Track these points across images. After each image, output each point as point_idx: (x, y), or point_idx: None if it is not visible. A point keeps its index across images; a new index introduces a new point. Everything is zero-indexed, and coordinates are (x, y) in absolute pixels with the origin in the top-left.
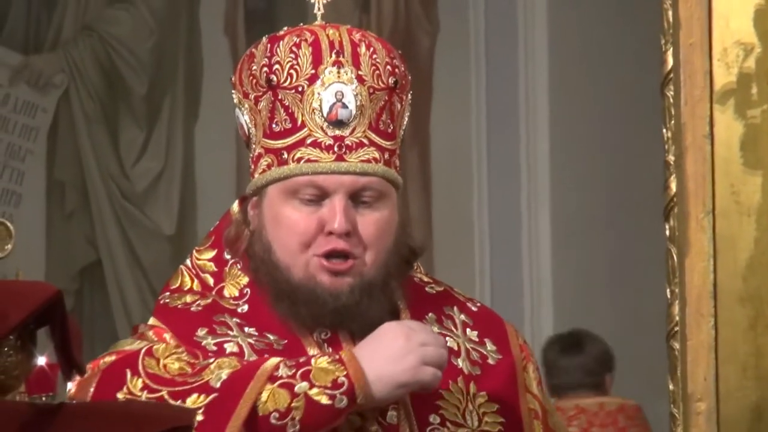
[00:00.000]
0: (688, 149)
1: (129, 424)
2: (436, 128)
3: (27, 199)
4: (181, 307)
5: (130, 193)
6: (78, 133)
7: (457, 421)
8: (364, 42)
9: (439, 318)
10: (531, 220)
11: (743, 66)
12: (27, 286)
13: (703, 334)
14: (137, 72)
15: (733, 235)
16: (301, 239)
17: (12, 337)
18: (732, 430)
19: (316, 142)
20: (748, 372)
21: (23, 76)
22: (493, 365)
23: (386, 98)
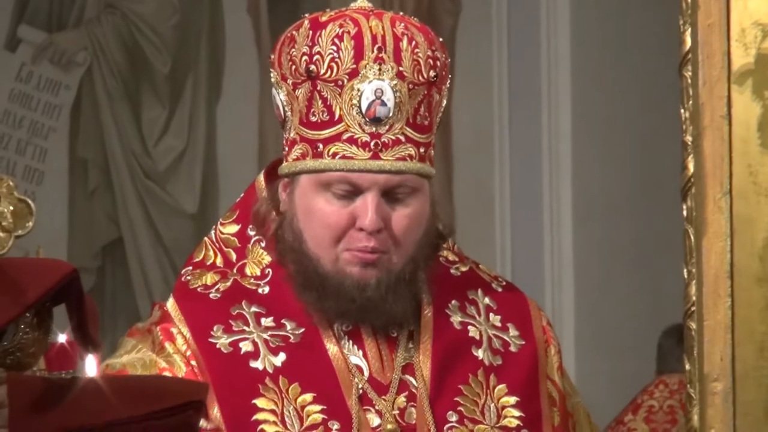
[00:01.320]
0: (705, 130)
1: (142, 398)
2: (458, 108)
3: (49, 176)
4: (201, 292)
5: (152, 171)
6: (101, 111)
7: (476, 418)
8: (407, 35)
9: (462, 305)
10: (552, 198)
11: (761, 47)
12: (44, 264)
13: (719, 315)
14: (160, 50)
15: (750, 215)
16: (333, 233)
17: (28, 315)
18: (748, 410)
19: (353, 139)
20: (765, 352)
21: (46, 54)
22: (515, 353)
23: (425, 92)
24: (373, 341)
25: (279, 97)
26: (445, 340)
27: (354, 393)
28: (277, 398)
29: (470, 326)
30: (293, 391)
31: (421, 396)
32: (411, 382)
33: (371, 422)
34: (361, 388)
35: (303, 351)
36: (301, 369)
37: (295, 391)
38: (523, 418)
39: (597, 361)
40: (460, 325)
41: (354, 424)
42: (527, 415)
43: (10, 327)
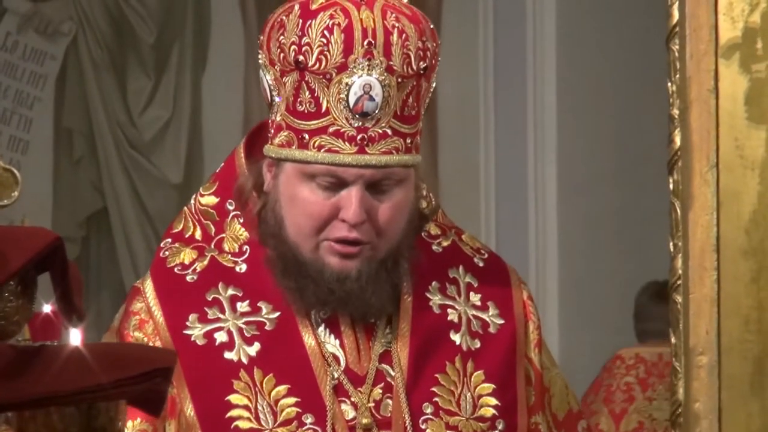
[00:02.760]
0: (692, 103)
1: (111, 365)
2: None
3: (34, 146)
4: (178, 272)
5: (138, 141)
6: (86, 81)
7: (451, 409)
8: (398, 28)
9: (443, 286)
10: (537, 171)
11: (749, 20)
12: (27, 232)
13: (705, 288)
14: (146, 20)
15: (736, 189)
16: (315, 223)
17: (12, 283)
18: (733, 383)
19: (339, 132)
20: (751, 326)
21: (32, 23)
22: (494, 334)
23: (414, 83)
24: (350, 330)
25: (266, 79)
26: (424, 326)
27: (329, 384)
28: (251, 393)
29: (449, 309)
30: (268, 383)
31: (397, 387)
32: (388, 371)
33: (346, 415)
34: (337, 378)
35: (278, 340)
36: (275, 359)
37: (270, 383)
38: (499, 406)
39: (581, 334)
40: (439, 308)
41: (328, 417)
42: (503, 402)
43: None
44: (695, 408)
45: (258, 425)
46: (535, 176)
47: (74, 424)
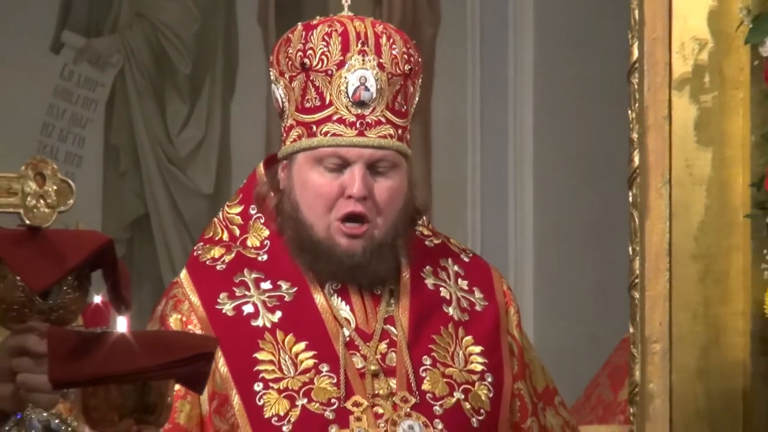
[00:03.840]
0: (649, 128)
1: (162, 350)
2: (436, 104)
3: (87, 160)
4: (209, 264)
5: (175, 157)
6: (131, 105)
7: (446, 362)
8: (385, 34)
9: (435, 270)
10: (516, 185)
11: (698, 58)
12: (83, 235)
13: (659, 286)
14: (182, 54)
15: (686, 202)
16: (325, 202)
17: (70, 278)
18: (682, 368)
19: (341, 119)
20: (698, 319)
21: (86, 56)
22: (480, 312)
23: (402, 83)
24: (359, 297)
25: (278, 91)
26: (421, 298)
27: (341, 340)
28: (275, 350)
29: (441, 288)
30: (289, 341)
31: (400, 342)
32: (392, 331)
33: (356, 364)
34: (348, 335)
35: (296, 307)
36: (295, 323)
37: (291, 341)
38: (487, 364)
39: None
40: (433, 286)
41: (341, 365)
42: (490, 361)
43: (55, 288)
44: (650, 388)
45: (281, 374)
46: (515, 189)
47: (130, 399)
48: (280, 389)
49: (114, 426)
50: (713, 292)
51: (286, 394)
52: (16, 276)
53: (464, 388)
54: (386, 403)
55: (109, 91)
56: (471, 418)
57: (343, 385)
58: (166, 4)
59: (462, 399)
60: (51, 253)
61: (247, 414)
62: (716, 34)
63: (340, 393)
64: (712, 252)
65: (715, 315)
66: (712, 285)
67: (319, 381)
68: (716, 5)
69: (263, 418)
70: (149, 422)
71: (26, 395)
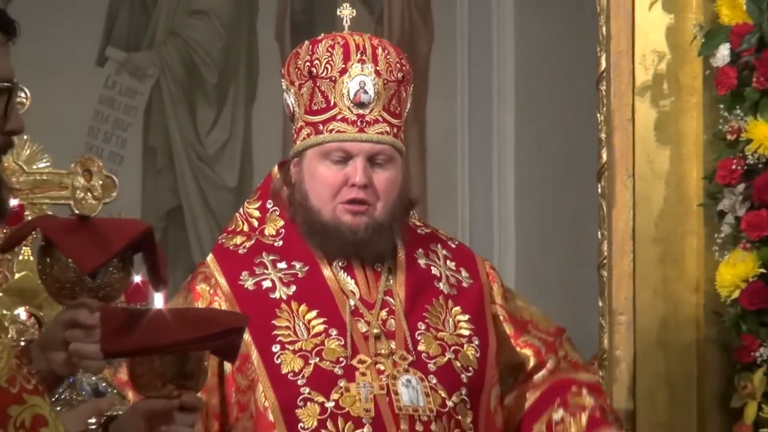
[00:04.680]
0: (615, 129)
1: (197, 325)
2: (430, 111)
3: (128, 159)
4: (232, 249)
5: (204, 155)
6: (166, 111)
7: (438, 327)
8: (381, 46)
9: (426, 253)
10: (500, 180)
11: (657, 68)
12: (127, 223)
13: (624, 266)
14: (210, 66)
15: (648, 193)
16: (331, 190)
17: (115, 260)
18: (644, 337)
19: (344, 118)
20: (658, 294)
21: (126, 68)
22: (466, 287)
23: (396, 88)
24: (362, 273)
25: (289, 99)
26: (415, 274)
27: (347, 308)
28: (290, 317)
29: (432, 267)
30: (302, 310)
31: (398, 311)
32: (390, 301)
33: (361, 329)
34: (353, 305)
35: (308, 282)
36: (307, 295)
37: (304, 310)
38: (473, 329)
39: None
40: (425, 265)
41: (348, 329)
42: (476, 327)
43: (102, 269)
44: (616, 354)
45: (296, 337)
46: (498, 184)
47: (171, 368)
48: (295, 350)
49: (157, 391)
50: (671, 271)
51: (300, 354)
52: (68, 259)
53: (454, 349)
54: (387, 360)
55: (147, 99)
56: (460, 375)
57: (349, 346)
58: (196, 24)
59: (453, 358)
60: (98, 239)
61: (266, 370)
62: (673, 48)
63: (347, 353)
64: (670, 236)
65: (672, 291)
66: (670, 265)
67: (328, 343)
68: (673, 22)
69: (280, 374)
70: (188, 387)
71: (77, 362)
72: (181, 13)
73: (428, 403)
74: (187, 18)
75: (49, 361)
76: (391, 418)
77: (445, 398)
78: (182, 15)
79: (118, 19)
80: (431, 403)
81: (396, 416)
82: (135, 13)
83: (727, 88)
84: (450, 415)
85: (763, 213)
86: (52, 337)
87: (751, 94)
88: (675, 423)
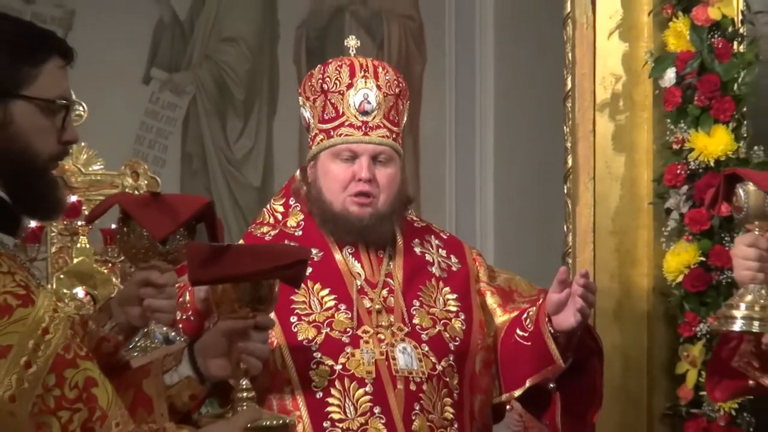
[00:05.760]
0: (579, 140)
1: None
2: (423, 123)
3: (168, 163)
4: (260, 236)
5: (233, 160)
6: (201, 122)
7: (430, 304)
8: (381, 66)
9: (422, 242)
10: (482, 182)
11: (614, 88)
12: (190, 198)
13: (586, 254)
14: (238, 85)
15: (606, 193)
16: (341, 185)
17: (181, 229)
18: (603, 313)
19: (351, 124)
20: (614, 278)
21: (168, 86)
22: (455, 271)
23: (394, 101)
24: (367, 258)
25: (305, 113)
26: (411, 260)
27: (354, 287)
28: (306, 294)
29: (426, 254)
30: (317, 288)
31: (396, 290)
32: (390, 282)
33: (365, 304)
34: (359, 284)
35: (322, 265)
36: (321, 275)
37: (318, 288)
38: (460, 306)
39: None
40: (420, 253)
41: (354, 304)
42: (463, 304)
43: (171, 236)
44: None
45: (310, 310)
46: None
47: (247, 294)
48: (309, 321)
49: (236, 313)
50: (625, 259)
51: (314, 325)
52: (142, 228)
53: (444, 322)
54: (386, 331)
55: (185, 112)
56: (449, 344)
57: (355, 319)
58: (226, 49)
59: (442, 330)
60: (167, 211)
61: (285, 337)
62: (628, 71)
63: (353, 324)
64: (625, 230)
65: (627, 275)
66: (625, 254)
67: (338, 316)
68: (628, 50)
69: (297, 340)
70: (261, 310)
71: (150, 315)
72: (214, 40)
73: (421, 367)
74: (219, 44)
75: (127, 315)
76: (389, 379)
77: (435, 363)
78: (215, 42)
79: (161, 44)
80: (423, 367)
81: (393, 377)
82: (175, 39)
83: (673, 105)
84: (439, 377)
85: (703, 210)
86: (129, 294)
87: (693, 111)
88: (629, 386)
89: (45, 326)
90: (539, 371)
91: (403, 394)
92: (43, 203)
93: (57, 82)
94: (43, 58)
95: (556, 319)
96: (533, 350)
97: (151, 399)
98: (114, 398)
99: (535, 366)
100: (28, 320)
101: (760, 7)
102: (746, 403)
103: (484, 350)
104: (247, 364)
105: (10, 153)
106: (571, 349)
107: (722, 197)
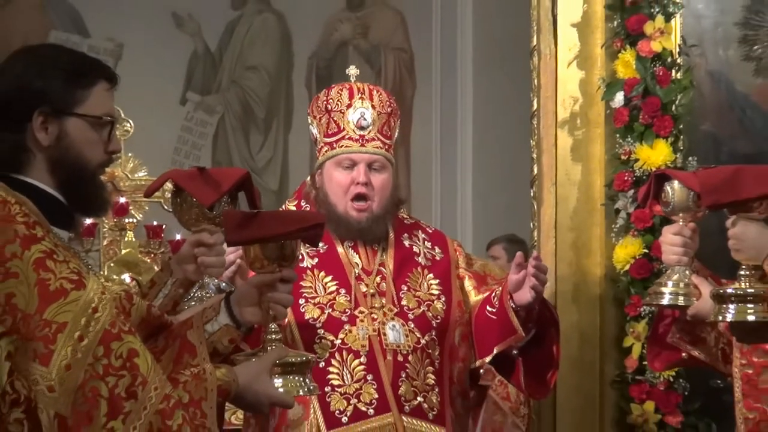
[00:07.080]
0: (543, 151)
1: (291, 222)
2: (414, 138)
3: None
4: None
5: (255, 168)
6: (228, 137)
7: (416, 288)
8: (375, 89)
9: (410, 236)
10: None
11: (573, 108)
12: (231, 170)
13: (548, 247)
14: (259, 105)
15: (566, 196)
16: (342, 188)
17: (225, 197)
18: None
19: (351, 138)
20: (572, 267)
21: (201, 106)
22: (438, 260)
23: (386, 118)
24: (363, 250)
25: (313, 129)
26: (401, 251)
27: (353, 275)
28: (312, 281)
29: (414, 246)
30: (321, 275)
31: (388, 277)
32: (383, 270)
33: (362, 289)
34: (357, 272)
35: (327, 256)
36: (325, 264)
37: (323, 275)
38: (442, 290)
39: None
40: (408, 245)
41: (353, 290)
42: (444, 288)
43: (217, 203)
44: None
45: (315, 294)
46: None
47: (273, 252)
48: (315, 303)
49: (265, 268)
50: (582, 251)
51: (318, 306)
52: (192, 197)
53: (427, 303)
54: (379, 312)
55: (215, 128)
56: (431, 321)
57: (353, 301)
58: (250, 75)
59: (426, 310)
60: (212, 182)
61: (294, 316)
62: (584, 94)
63: (351, 305)
64: (581, 226)
65: (583, 264)
66: (581, 247)
67: (338, 298)
68: (584, 76)
69: (304, 319)
70: (285, 266)
71: (204, 270)
72: (240, 68)
73: (407, 341)
74: (244, 71)
75: (184, 271)
76: (380, 351)
77: (419, 338)
78: (241, 69)
79: (195, 72)
80: (409, 341)
81: (384, 350)
82: (207, 68)
83: (622, 123)
84: (423, 350)
85: (646, 210)
86: (186, 254)
87: (638, 127)
88: (584, 357)
89: (95, 306)
90: (504, 340)
91: (391, 363)
92: (92, 203)
93: (104, 102)
94: (92, 82)
95: (516, 296)
96: (499, 323)
97: (194, 346)
98: (153, 365)
99: (501, 336)
100: (81, 301)
101: (694, 41)
102: (682, 371)
103: (462, 325)
104: (275, 311)
105: (64, 161)
106: (532, 320)
107: (653, 194)
